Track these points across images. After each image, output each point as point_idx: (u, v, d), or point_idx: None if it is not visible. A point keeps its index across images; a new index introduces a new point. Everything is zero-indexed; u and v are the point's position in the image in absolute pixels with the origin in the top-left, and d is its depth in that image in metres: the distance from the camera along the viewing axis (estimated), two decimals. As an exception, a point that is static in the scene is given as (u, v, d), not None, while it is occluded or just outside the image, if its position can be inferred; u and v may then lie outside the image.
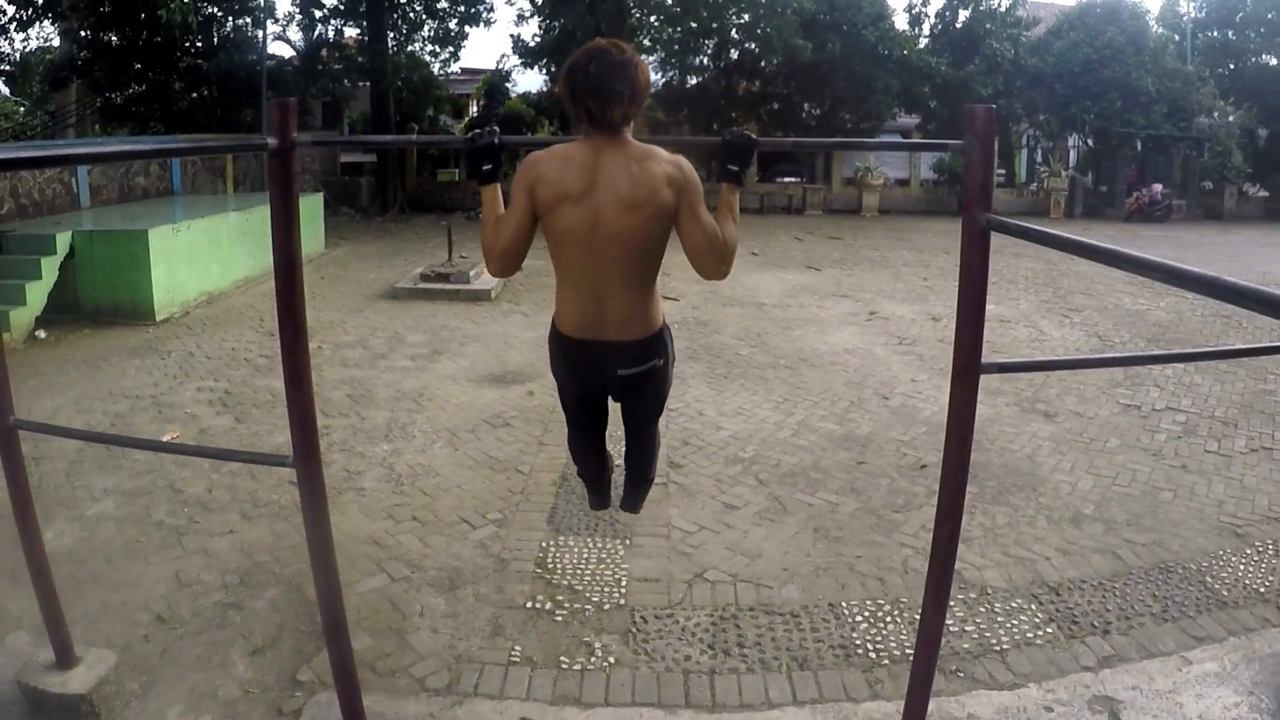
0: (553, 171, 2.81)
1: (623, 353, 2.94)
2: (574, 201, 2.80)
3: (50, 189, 13.42)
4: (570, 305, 2.93)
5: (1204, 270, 1.85)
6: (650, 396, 3.18)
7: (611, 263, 2.85)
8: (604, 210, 2.80)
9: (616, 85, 2.72)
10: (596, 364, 2.98)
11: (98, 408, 7.80)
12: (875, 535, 5.55)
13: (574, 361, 3.02)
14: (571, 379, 3.11)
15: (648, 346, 2.98)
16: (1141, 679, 4.10)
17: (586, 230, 2.81)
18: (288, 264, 2.99)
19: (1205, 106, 26.86)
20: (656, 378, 3.07)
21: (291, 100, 2.99)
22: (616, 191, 2.78)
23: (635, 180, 2.79)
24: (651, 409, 3.29)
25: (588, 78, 2.73)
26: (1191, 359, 8.77)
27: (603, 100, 2.72)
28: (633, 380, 3.01)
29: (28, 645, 4.17)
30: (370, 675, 4.01)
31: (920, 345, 10.36)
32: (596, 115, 2.75)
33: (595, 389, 3.13)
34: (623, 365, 2.95)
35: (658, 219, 2.85)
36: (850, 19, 25.75)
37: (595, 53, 2.79)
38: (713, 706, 3.94)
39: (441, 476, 6.40)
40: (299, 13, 25.45)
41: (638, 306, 2.92)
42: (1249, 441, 7.28)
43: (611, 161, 2.79)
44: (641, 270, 2.91)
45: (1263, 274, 15.82)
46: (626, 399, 3.19)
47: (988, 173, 2.78)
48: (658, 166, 2.81)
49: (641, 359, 2.97)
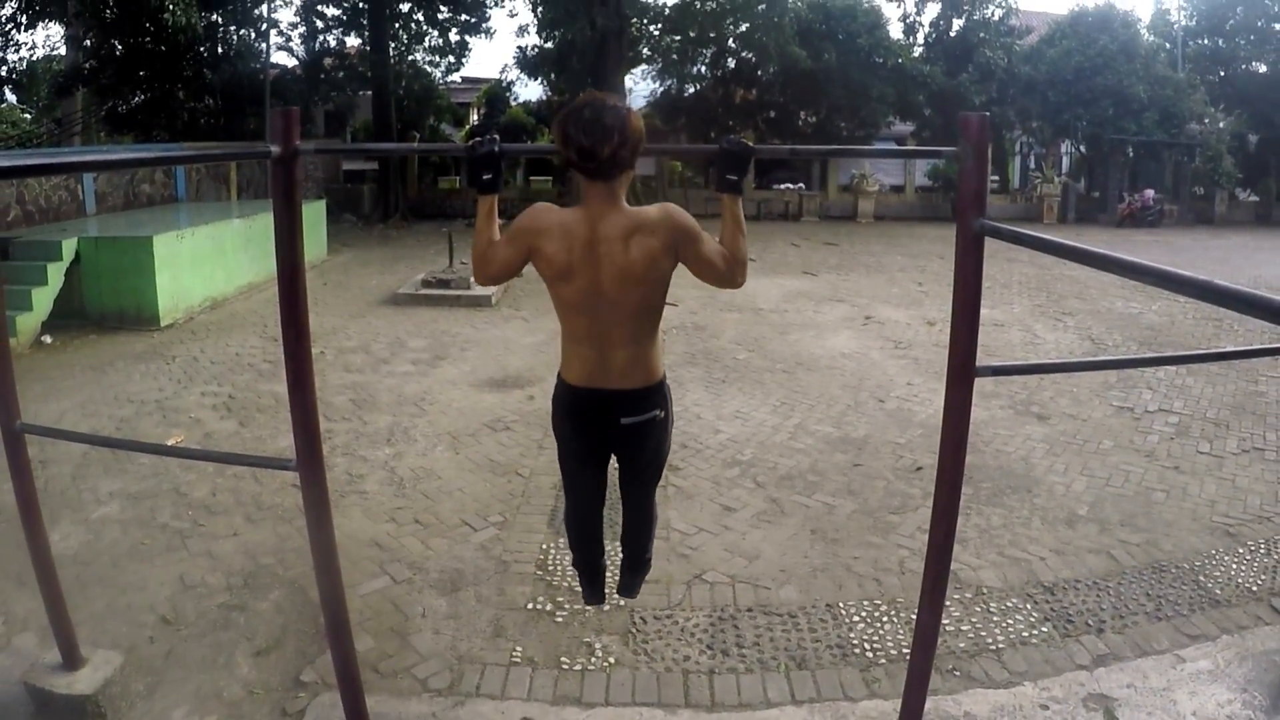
0: (552, 244, 2.85)
1: (626, 401, 2.96)
2: (575, 276, 2.85)
3: (56, 196, 13.42)
4: (575, 357, 2.97)
5: (1196, 274, 1.85)
6: (651, 452, 3.15)
7: (614, 325, 2.89)
8: (605, 286, 2.84)
9: (607, 120, 2.74)
10: (601, 412, 2.99)
11: (103, 412, 7.79)
12: (872, 536, 5.54)
13: (579, 410, 3.03)
14: (576, 430, 3.09)
15: (650, 396, 3.00)
16: (1136, 677, 4.09)
17: (590, 302, 2.86)
18: (291, 270, 2.99)
19: (1196, 113, 26.87)
20: (657, 430, 3.07)
21: (294, 109, 3.00)
22: (616, 268, 2.82)
23: (633, 257, 2.82)
24: (651, 469, 3.25)
25: (580, 119, 2.76)
26: (1183, 361, 8.78)
27: (595, 137, 2.73)
28: (635, 430, 3.02)
29: (34, 646, 4.17)
30: (373, 676, 4.01)
31: (916, 349, 10.36)
32: (588, 153, 2.75)
33: (598, 441, 3.10)
34: (626, 413, 2.97)
35: (659, 284, 2.92)
36: (846, 28, 25.79)
37: (589, 99, 2.83)
38: (712, 706, 3.93)
39: (443, 480, 6.40)
40: (301, 23, 25.52)
41: (641, 357, 2.95)
42: (1240, 442, 7.28)
43: (609, 234, 2.81)
44: (644, 326, 2.95)
45: (1254, 278, 15.82)
46: (627, 452, 3.16)
47: (982, 179, 2.79)
48: (652, 237, 2.82)
49: (644, 408, 2.99)
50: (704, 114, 28.23)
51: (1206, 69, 28.83)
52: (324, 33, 25.76)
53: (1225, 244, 21.59)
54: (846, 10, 26.22)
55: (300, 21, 25.60)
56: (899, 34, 28.11)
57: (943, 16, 27.97)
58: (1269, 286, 13.83)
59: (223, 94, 23.33)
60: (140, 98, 22.91)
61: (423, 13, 26.17)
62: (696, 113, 28.31)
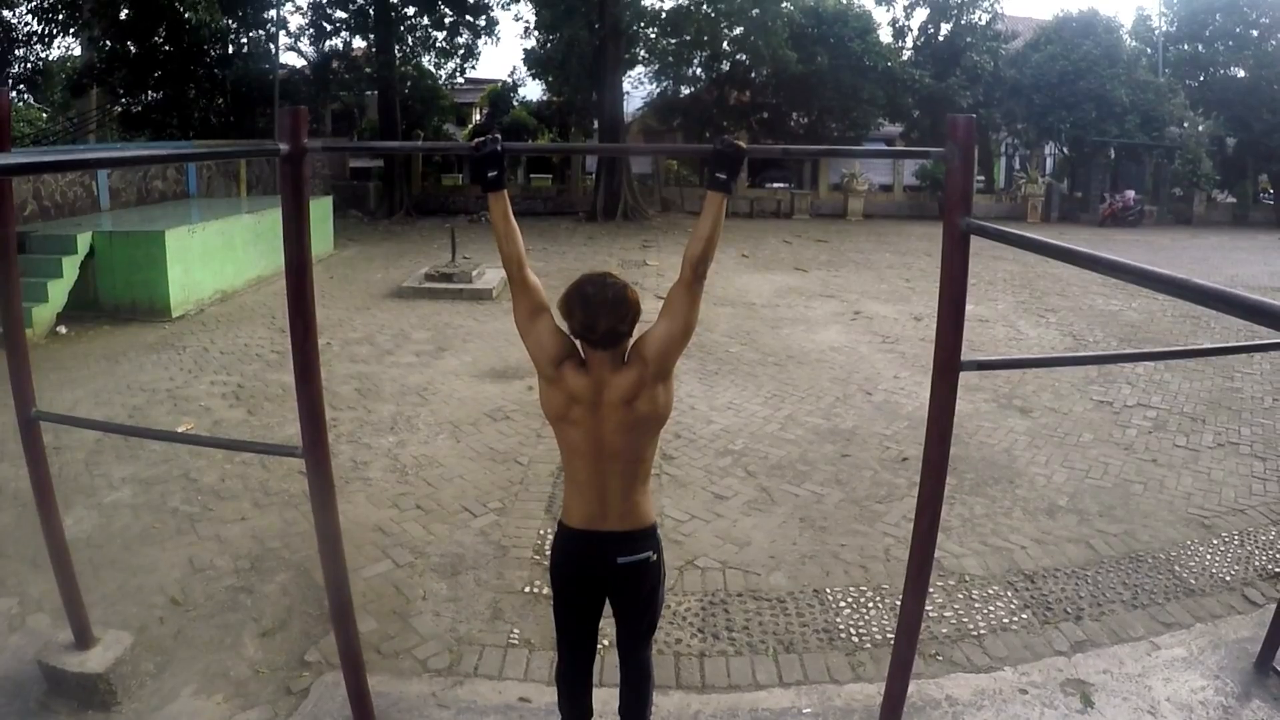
0: (557, 396, 2.90)
1: (622, 542, 2.98)
2: (578, 427, 2.89)
3: (72, 191, 13.39)
4: (576, 500, 2.99)
5: (1174, 273, 1.85)
6: (645, 598, 3.11)
7: (613, 473, 2.92)
8: (608, 439, 2.87)
9: (608, 298, 2.79)
10: (598, 552, 2.99)
11: (116, 400, 7.78)
12: (859, 525, 5.55)
13: (578, 552, 3.03)
14: (574, 573, 3.07)
15: (644, 538, 3.01)
16: (1112, 663, 4.10)
17: (593, 450, 2.90)
18: (298, 264, 2.99)
19: (1176, 116, 26.88)
20: (652, 573, 3.06)
21: (302, 108, 2.99)
22: (619, 424, 2.86)
23: (639, 412, 2.87)
24: (646, 618, 3.18)
25: (582, 297, 2.80)
26: (1162, 358, 8.78)
27: (596, 315, 2.78)
28: (631, 571, 3.01)
29: (48, 626, 4.17)
30: (375, 656, 4.01)
31: (903, 344, 10.36)
32: (590, 328, 2.80)
33: (595, 584, 3.08)
34: (622, 554, 2.98)
35: (657, 427, 2.96)
36: (837, 32, 25.80)
37: (590, 279, 2.86)
38: (702, 688, 3.94)
39: (444, 467, 6.39)
40: (310, 26, 25.45)
41: (636, 503, 2.98)
42: (1216, 436, 7.29)
43: (612, 399, 2.85)
44: (640, 473, 2.98)
45: (1230, 276, 15.83)
46: (623, 597, 3.11)
47: (968, 179, 2.79)
48: (645, 383, 2.85)
49: (639, 549, 3.00)
50: (699, 114, 28.24)
51: (1186, 74, 28.87)
52: (332, 35, 25.73)
53: (1203, 243, 21.60)
54: (838, 15, 26.26)
55: (309, 24, 25.56)
56: (888, 38, 28.15)
57: (931, 21, 28.00)
58: (1246, 285, 13.84)
59: (233, 94, 23.31)
60: (153, 97, 22.86)
61: (427, 16, 26.10)
62: (692, 113, 28.35)
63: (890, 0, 28.21)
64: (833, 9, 26.57)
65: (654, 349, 2.84)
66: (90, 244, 10.99)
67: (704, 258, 2.87)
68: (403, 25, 25.86)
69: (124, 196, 14.96)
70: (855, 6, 27.41)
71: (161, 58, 21.81)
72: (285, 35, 25.13)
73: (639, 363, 2.85)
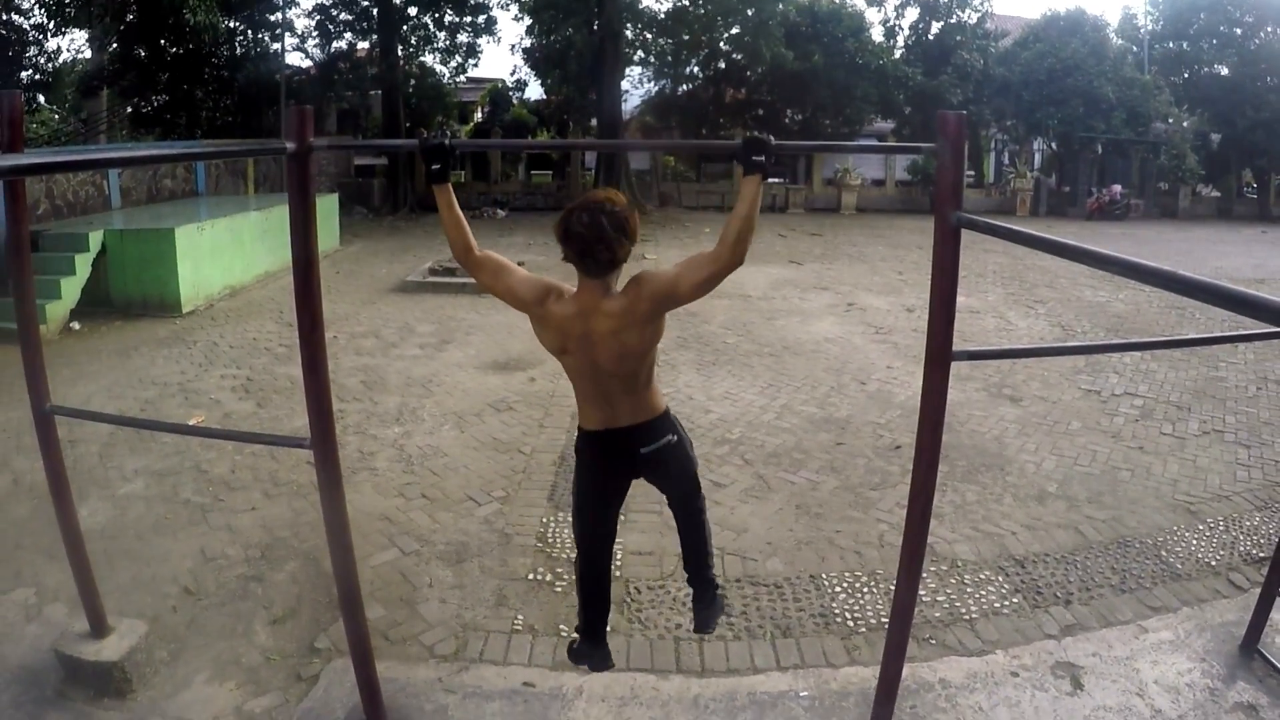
0: (548, 332, 2.92)
1: (640, 433, 3.03)
2: (573, 355, 2.91)
3: (84, 190, 13.37)
4: (588, 409, 3.05)
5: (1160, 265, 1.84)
6: (678, 471, 3.17)
7: (615, 387, 2.95)
8: (602, 362, 2.89)
9: (604, 221, 2.78)
10: (622, 446, 3.05)
11: (128, 394, 7.77)
12: (853, 511, 5.55)
13: (603, 449, 3.08)
14: (602, 466, 3.13)
15: (659, 425, 3.06)
16: (1101, 646, 4.10)
17: (590, 372, 2.93)
18: (305, 260, 2.98)
19: (1161, 113, 26.87)
20: (676, 451, 3.11)
21: (308, 108, 2.98)
22: (611, 351, 2.86)
23: (626, 342, 2.85)
24: (683, 484, 3.24)
25: (579, 219, 2.78)
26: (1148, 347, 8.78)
27: (592, 236, 2.76)
28: (655, 456, 3.07)
29: (64, 616, 4.17)
30: (383, 643, 4.01)
31: (895, 334, 10.36)
32: (586, 250, 2.78)
33: (625, 472, 3.15)
34: (643, 444, 3.04)
35: (651, 346, 2.94)
36: (831, 31, 25.75)
37: (588, 201, 2.84)
38: (701, 671, 3.94)
39: (449, 457, 6.39)
40: (315, 27, 25.41)
41: (644, 399, 3.02)
42: (1201, 425, 7.29)
43: (601, 328, 2.84)
44: (641, 378, 2.99)
45: (1215, 268, 15.82)
46: (656, 476, 3.20)
47: (958, 174, 2.78)
48: (638, 318, 2.82)
49: (657, 436, 3.05)
50: (696, 112, 28.21)
51: (1171, 71, 28.85)
52: (337, 36, 25.66)
53: (1188, 236, 21.59)
54: (832, 14, 26.22)
55: (315, 26, 25.51)
56: (880, 37, 28.10)
57: (922, 20, 27.90)
58: (1230, 277, 13.85)
59: (241, 94, 23.26)
60: (162, 98, 22.81)
61: (429, 16, 26.05)
62: (689, 111, 28.28)
63: (881, 0, 28.13)
64: (827, 9, 26.54)
65: (653, 289, 2.81)
66: (102, 242, 10.98)
67: (741, 238, 2.82)
68: (405, 26, 25.81)
69: (135, 195, 14.93)
70: (848, 6, 27.37)
71: (169, 60, 21.76)
72: (292, 36, 25.11)
73: (634, 295, 2.81)
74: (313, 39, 25.60)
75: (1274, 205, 27.57)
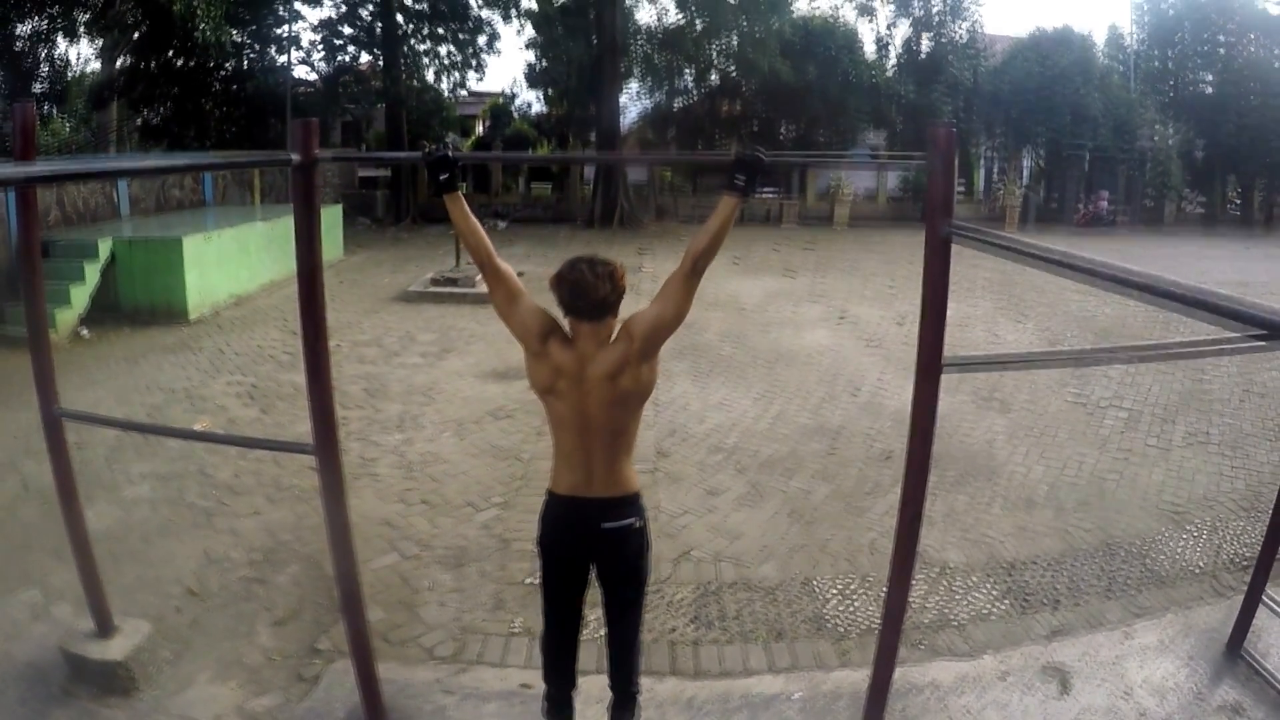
0: (543, 371, 2.90)
1: (606, 508, 2.97)
2: (563, 399, 2.89)
3: (94, 199, 13.38)
4: (563, 469, 2.99)
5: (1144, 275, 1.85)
6: (631, 562, 3.05)
7: (597, 445, 2.92)
8: (592, 412, 2.87)
9: (597, 272, 2.82)
10: (583, 518, 2.98)
11: (135, 399, 7.77)
12: (845, 518, 5.55)
13: (565, 518, 3.01)
14: (561, 539, 3.04)
15: (627, 505, 3.00)
16: (1088, 649, 4.10)
17: (578, 422, 2.89)
18: (310, 269, 2.98)
19: (1147, 126, 26.96)
20: (635, 539, 3.02)
21: (313, 120, 2.99)
22: (603, 399, 2.85)
23: (622, 387, 2.86)
24: (631, 584, 3.10)
25: (573, 271, 2.83)
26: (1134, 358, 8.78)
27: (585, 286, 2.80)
28: (615, 535, 2.98)
29: (70, 616, 4.16)
30: (383, 645, 4.00)
31: (886, 345, 10.35)
32: (580, 297, 2.82)
33: (580, 549, 3.03)
34: (606, 519, 2.97)
35: (640, 402, 2.95)
36: (824, 46, 25.82)
37: (580, 258, 2.87)
38: (696, 674, 3.93)
39: (449, 463, 6.39)
40: (321, 42, 25.46)
41: (619, 472, 2.97)
42: (1186, 433, 7.29)
43: (596, 374, 2.84)
44: (623, 444, 2.97)
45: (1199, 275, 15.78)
46: (608, 563, 3.05)
47: (949, 186, 2.78)
48: (630, 361, 2.84)
49: (622, 514, 2.98)
50: (691, 126, 28.25)
51: (1157, 85, 28.97)
52: (341, 51, 25.69)
53: (1174, 248, 21.61)
54: (826, 30, 26.29)
55: (320, 41, 25.56)
56: (873, 53, 28.13)
57: (913, 36, 27.97)
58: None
59: (248, 106, 23.28)
60: (170, 109, 22.84)
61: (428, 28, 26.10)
62: (685, 124, 28.33)
63: (873, 15, 28.24)
64: (820, 25, 26.61)
65: (643, 328, 2.83)
66: (111, 250, 10.99)
67: (706, 253, 2.84)
68: (408, 43, 25.88)
69: (143, 204, 14.95)
70: (842, 22, 27.45)
71: (178, 72, 21.79)
72: (297, 51, 25.15)
73: (626, 339, 2.84)
74: (318, 53, 25.66)
75: (1258, 215, 27.67)
